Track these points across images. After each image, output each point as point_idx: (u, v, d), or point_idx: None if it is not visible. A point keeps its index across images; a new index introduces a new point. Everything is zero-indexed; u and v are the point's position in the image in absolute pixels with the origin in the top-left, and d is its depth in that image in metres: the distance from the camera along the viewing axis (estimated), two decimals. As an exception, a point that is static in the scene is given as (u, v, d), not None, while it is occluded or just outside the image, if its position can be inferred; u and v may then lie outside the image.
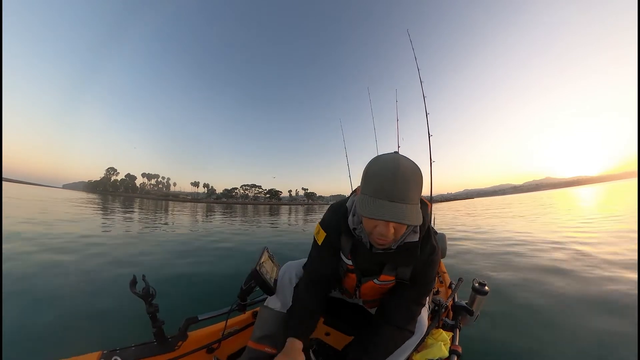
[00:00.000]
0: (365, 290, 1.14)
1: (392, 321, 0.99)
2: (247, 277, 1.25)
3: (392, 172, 0.78)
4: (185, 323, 1.22)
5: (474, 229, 9.53)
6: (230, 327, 1.38)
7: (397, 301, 1.03)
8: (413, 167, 0.82)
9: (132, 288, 1.02)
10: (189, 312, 1.27)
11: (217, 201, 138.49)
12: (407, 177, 0.78)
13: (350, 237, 1.03)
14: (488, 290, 1.54)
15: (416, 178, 0.81)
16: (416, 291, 1.02)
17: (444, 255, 2.71)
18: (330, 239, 1.09)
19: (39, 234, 6.33)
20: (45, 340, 2.16)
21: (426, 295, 1.06)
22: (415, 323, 1.03)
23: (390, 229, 0.84)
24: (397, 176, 0.77)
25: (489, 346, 2.21)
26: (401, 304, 1.02)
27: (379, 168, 0.81)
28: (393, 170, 0.78)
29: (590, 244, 5.63)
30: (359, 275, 1.10)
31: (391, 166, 0.79)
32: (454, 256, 5.19)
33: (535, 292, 3.22)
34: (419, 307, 1.04)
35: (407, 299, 1.02)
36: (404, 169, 0.79)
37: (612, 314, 2.59)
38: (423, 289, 1.03)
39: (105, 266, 4.13)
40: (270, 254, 1.45)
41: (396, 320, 0.99)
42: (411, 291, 1.02)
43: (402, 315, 1.00)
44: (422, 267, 1.00)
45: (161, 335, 1.11)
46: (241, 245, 6.44)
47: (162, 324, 1.10)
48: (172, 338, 1.17)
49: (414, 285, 1.02)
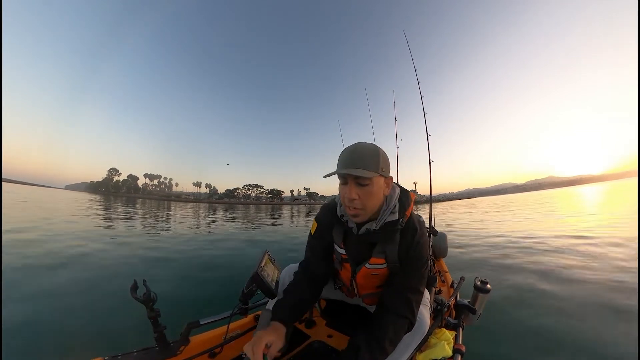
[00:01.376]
0: (361, 280, 1.17)
1: (390, 309, 1.01)
2: (249, 281, 1.25)
3: (350, 149, 0.99)
4: (187, 327, 1.21)
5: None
6: (232, 331, 1.37)
7: (393, 288, 1.06)
8: (370, 146, 1.00)
9: (133, 293, 1.02)
10: (190, 317, 1.27)
11: (219, 201, 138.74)
12: (361, 150, 0.97)
13: (341, 227, 1.14)
14: (490, 289, 1.55)
15: (371, 152, 0.97)
16: (409, 276, 1.05)
17: (445, 255, 2.72)
18: (321, 229, 1.22)
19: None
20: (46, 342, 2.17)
21: (420, 281, 1.06)
22: (414, 312, 1.02)
23: (352, 191, 0.97)
24: (352, 151, 0.97)
25: (493, 345, 2.21)
26: (397, 291, 1.04)
27: (343, 151, 1.02)
28: (351, 148, 0.99)
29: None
30: (352, 265, 1.15)
31: (351, 147, 1.00)
32: (466, 259, 5.16)
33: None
34: (415, 294, 1.03)
35: (402, 286, 1.04)
36: (360, 146, 0.98)
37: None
38: (416, 274, 1.05)
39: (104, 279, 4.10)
40: (271, 257, 1.46)
41: (394, 308, 1.01)
42: (404, 277, 1.05)
43: (398, 302, 1.02)
44: (409, 249, 1.05)
45: (163, 340, 1.11)
46: (242, 247, 6.43)
47: (164, 328, 1.10)
48: (174, 343, 1.17)
49: (406, 271, 1.06)
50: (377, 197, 1.01)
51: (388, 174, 1.03)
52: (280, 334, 0.98)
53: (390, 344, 0.95)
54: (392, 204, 1.05)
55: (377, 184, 0.98)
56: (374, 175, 0.95)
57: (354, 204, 0.99)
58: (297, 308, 1.10)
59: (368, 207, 1.00)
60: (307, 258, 1.26)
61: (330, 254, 1.24)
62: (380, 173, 0.97)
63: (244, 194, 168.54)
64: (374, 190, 0.98)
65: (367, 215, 1.02)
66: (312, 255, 1.24)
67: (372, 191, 0.97)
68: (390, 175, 1.05)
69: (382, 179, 1.01)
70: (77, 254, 5.04)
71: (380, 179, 1.00)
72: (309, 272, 1.22)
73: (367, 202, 0.99)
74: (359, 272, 1.15)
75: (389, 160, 1.04)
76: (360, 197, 0.97)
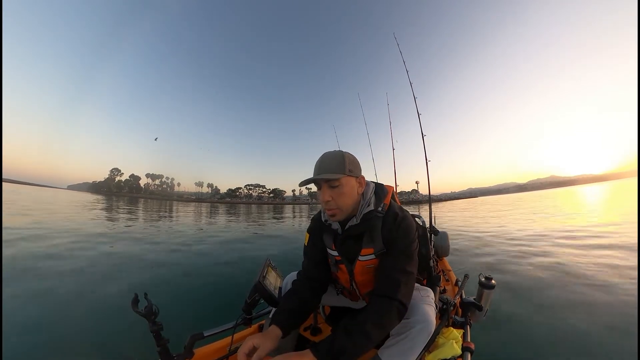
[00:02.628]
0: (359, 277, 1.20)
1: (377, 290, 1.03)
2: (251, 290, 1.24)
3: (319, 159, 1.13)
4: (191, 340, 1.20)
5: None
6: (236, 342, 1.35)
7: (379, 271, 1.10)
8: (335, 152, 1.14)
9: (134, 307, 0.99)
10: (193, 328, 1.25)
11: (221, 201, 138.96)
12: (326, 158, 1.11)
13: (329, 232, 1.23)
14: (495, 284, 1.54)
15: (336, 157, 1.10)
16: (395, 257, 1.07)
17: (447, 254, 2.72)
18: (313, 238, 1.31)
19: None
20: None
21: (408, 262, 1.07)
22: (403, 293, 0.99)
23: (325, 193, 1.09)
24: (320, 161, 1.12)
25: (502, 341, 2.21)
26: (383, 272, 1.07)
27: (316, 162, 1.14)
28: (320, 158, 1.13)
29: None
30: (347, 264, 1.19)
31: (319, 159, 1.14)
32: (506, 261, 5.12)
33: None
34: (403, 275, 1.03)
35: (388, 266, 1.07)
36: (326, 155, 1.13)
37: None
38: (401, 255, 1.07)
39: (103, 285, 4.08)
40: (273, 265, 1.44)
41: (379, 289, 1.03)
42: (390, 258, 1.09)
43: (384, 283, 1.03)
44: (391, 233, 1.10)
45: (166, 354, 1.08)
46: (244, 254, 6.35)
47: (167, 342, 1.08)
48: (178, 356, 1.15)
49: (392, 253, 1.09)
50: (350, 196, 1.11)
51: (358, 174, 1.15)
52: (273, 337, 0.99)
53: (374, 327, 0.92)
54: (367, 198, 1.16)
55: (347, 184, 1.10)
56: (341, 177, 1.07)
57: (329, 205, 1.10)
58: (295, 312, 1.12)
59: (342, 206, 1.10)
60: (304, 266, 1.32)
61: (325, 258, 1.30)
62: (348, 174, 1.09)
63: (246, 194, 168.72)
64: (345, 190, 1.09)
65: (343, 213, 1.13)
66: (308, 262, 1.30)
67: (344, 191, 1.09)
68: (361, 175, 1.17)
69: (353, 179, 1.13)
70: (77, 256, 5.06)
71: (351, 179, 1.12)
72: (307, 278, 1.26)
73: (340, 202, 1.09)
74: (355, 269, 1.18)
75: (357, 161, 1.16)
76: (334, 198, 1.09)
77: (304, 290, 1.21)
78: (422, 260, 1.43)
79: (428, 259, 1.53)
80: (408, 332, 1.01)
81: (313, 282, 1.25)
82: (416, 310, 1.06)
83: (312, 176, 1.10)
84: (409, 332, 1.01)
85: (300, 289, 1.21)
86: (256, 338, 0.94)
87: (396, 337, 1.03)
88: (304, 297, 1.18)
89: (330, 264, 1.29)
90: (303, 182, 1.10)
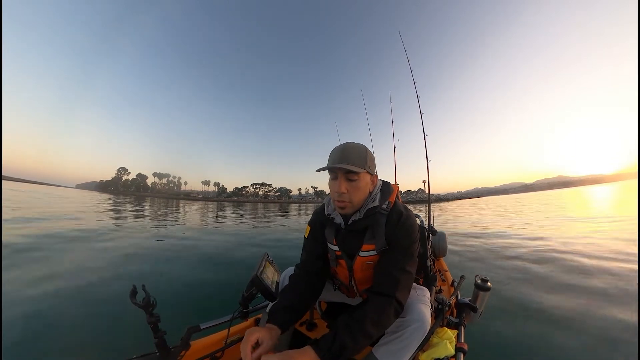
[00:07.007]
0: (358, 273, 1.18)
1: (374, 287, 1.02)
2: (248, 284, 1.25)
3: (340, 147, 1.09)
4: (188, 332, 1.21)
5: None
6: (233, 335, 1.37)
7: (379, 268, 1.08)
8: (359, 145, 1.11)
9: (132, 298, 1.01)
10: (190, 321, 1.27)
11: (228, 199, 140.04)
12: (350, 148, 1.07)
13: (331, 226, 1.22)
14: (490, 286, 1.54)
15: (359, 150, 1.07)
16: (396, 255, 1.06)
17: (445, 254, 2.72)
18: (314, 231, 1.29)
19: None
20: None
21: (408, 261, 1.05)
22: (401, 292, 0.99)
23: (342, 185, 1.05)
24: (342, 149, 1.07)
25: (495, 342, 2.19)
26: (382, 269, 1.06)
27: (334, 149, 1.10)
28: (341, 146, 1.09)
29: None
30: (347, 259, 1.18)
31: (341, 145, 1.09)
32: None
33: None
34: (402, 273, 1.02)
35: (388, 264, 1.05)
36: (350, 145, 1.09)
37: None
38: (402, 254, 1.06)
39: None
40: (271, 260, 1.46)
41: (377, 286, 1.01)
42: (391, 256, 1.07)
43: (382, 280, 1.01)
44: (394, 230, 1.08)
45: (163, 346, 1.10)
46: (242, 249, 6.39)
47: (164, 334, 1.09)
48: (175, 348, 1.16)
49: (393, 251, 1.07)
50: (363, 192, 1.10)
51: (374, 172, 1.14)
52: (273, 335, 0.97)
53: (373, 325, 0.91)
54: (373, 194, 1.15)
55: (363, 180, 1.08)
56: (362, 171, 1.05)
57: (342, 197, 1.08)
58: (292, 309, 1.10)
59: (355, 200, 1.09)
60: (303, 259, 1.29)
61: (325, 252, 1.27)
62: (367, 170, 1.08)
63: (252, 193, 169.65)
64: (360, 185, 1.07)
65: (353, 208, 1.11)
66: (307, 255, 1.27)
67: (359, 186, 1.07)
68: (375, 173, 1.16)
69: (369, 176, 1.12)
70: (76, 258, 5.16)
71: (367, 176, 1.10)
72: (306, 272, 1.23)
73: (354, 196, 1.08)
74: (354, 264, 1.16)
75: (375, 160, 1.16)
76: (349, 190, 1.07)
77: (302, 285, 1.19)
78: (420, 259, 1.42)
79: (425, 259, 1.52)
80: (403, 330, 1.01)
81: (311, 276, 1.23)
82: (412, 309, 1.05)
83: (331, 164, 1.07)
84: (404, 331, 1.01)
85: (299, 285, 1.19)
86: (258, 332, 0.93)
87: (391, 335, 1.03)
88: (302, 293, 1.17)
89: (329, 259, 1.27)
90: (322, 168, 1.08)
